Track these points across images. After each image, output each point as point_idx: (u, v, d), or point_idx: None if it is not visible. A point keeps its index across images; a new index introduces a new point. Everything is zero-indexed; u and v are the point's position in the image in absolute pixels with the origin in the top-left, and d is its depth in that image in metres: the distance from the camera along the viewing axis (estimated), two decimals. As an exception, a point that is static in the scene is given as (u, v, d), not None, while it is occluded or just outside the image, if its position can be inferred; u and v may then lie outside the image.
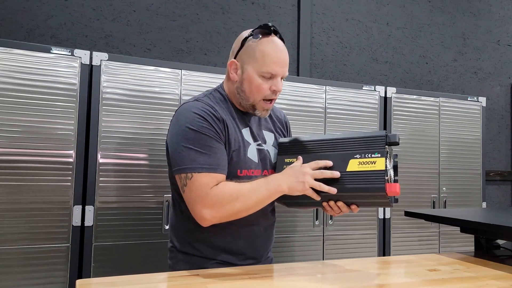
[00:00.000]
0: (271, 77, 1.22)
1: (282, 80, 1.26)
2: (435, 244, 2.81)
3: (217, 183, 1.14)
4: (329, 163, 1.16)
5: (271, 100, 1.25)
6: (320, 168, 1.16)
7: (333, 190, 1.12)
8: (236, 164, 1.22)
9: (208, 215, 1.13)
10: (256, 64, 1.21)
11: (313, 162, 1.17)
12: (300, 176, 1.14)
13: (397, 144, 1.12)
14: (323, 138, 1.21)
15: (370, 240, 2.62)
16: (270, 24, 1.23)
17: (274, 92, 1.23)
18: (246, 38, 1.23)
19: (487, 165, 3.64)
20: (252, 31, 1.23)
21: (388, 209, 2.68)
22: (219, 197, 1.12)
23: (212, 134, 1.17)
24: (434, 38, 3.58)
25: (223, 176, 1.16)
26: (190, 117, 1.17)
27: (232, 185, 1.14)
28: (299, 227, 2.44)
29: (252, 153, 1.26)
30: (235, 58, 1.25)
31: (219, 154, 1.17)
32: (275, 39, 1.23)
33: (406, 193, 2.73)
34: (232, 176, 1.20)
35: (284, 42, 1.26)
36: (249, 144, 1.26)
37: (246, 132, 1.27)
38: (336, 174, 1.14)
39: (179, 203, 1.26)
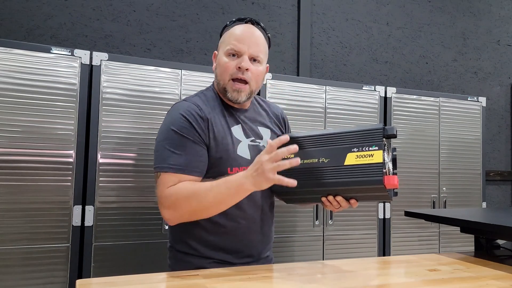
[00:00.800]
0: (236, 54, 1.23)
1: (255, 62, 1.24)
2: (435, 244, 2.81)
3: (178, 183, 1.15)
4: (284, 139, 1.06)
5: (241, 81, 1.23)
6: (275, 150, 1.04)
7: (292, 183, 1.03)
8: (226, 162, 1.21)
9: (167, 214, 1.16)
10: (223, 46, 1.26)
11: (268, 145, 1.05)
12: (258, 167, 1.04)
13: (394, 136, 1.11)
14: (320, 133, 1.20)
15: (370, 240, 2.62)
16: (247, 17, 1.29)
17: (240, 70, 1.22)
18: (223, 29, 1.31)
19: (487, 165, 3.64)
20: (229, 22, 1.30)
21: (388, 209, 2.68)
22: (173, 197, 1.13)
23: (190, 135, 1.17)
24: (434, 38, 3.58)
25: (190, 177, 1.16)
26: (175, 118, 1.19)
27: (189, 184, 1.14)
28: (299, 227, 2.44)
29: (243, 150, 1.24)
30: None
31: (192, 156, 1.16)
32: (247, 24, 1.27)
33: (406, 193, 2.73)
34: (222, 174, 1.18)
35: (266, 34, 1.29)
36: (239, 141, 1.25)
37: (237, 129, 1.26)
38: (293, 148, 1.02)
39: None
